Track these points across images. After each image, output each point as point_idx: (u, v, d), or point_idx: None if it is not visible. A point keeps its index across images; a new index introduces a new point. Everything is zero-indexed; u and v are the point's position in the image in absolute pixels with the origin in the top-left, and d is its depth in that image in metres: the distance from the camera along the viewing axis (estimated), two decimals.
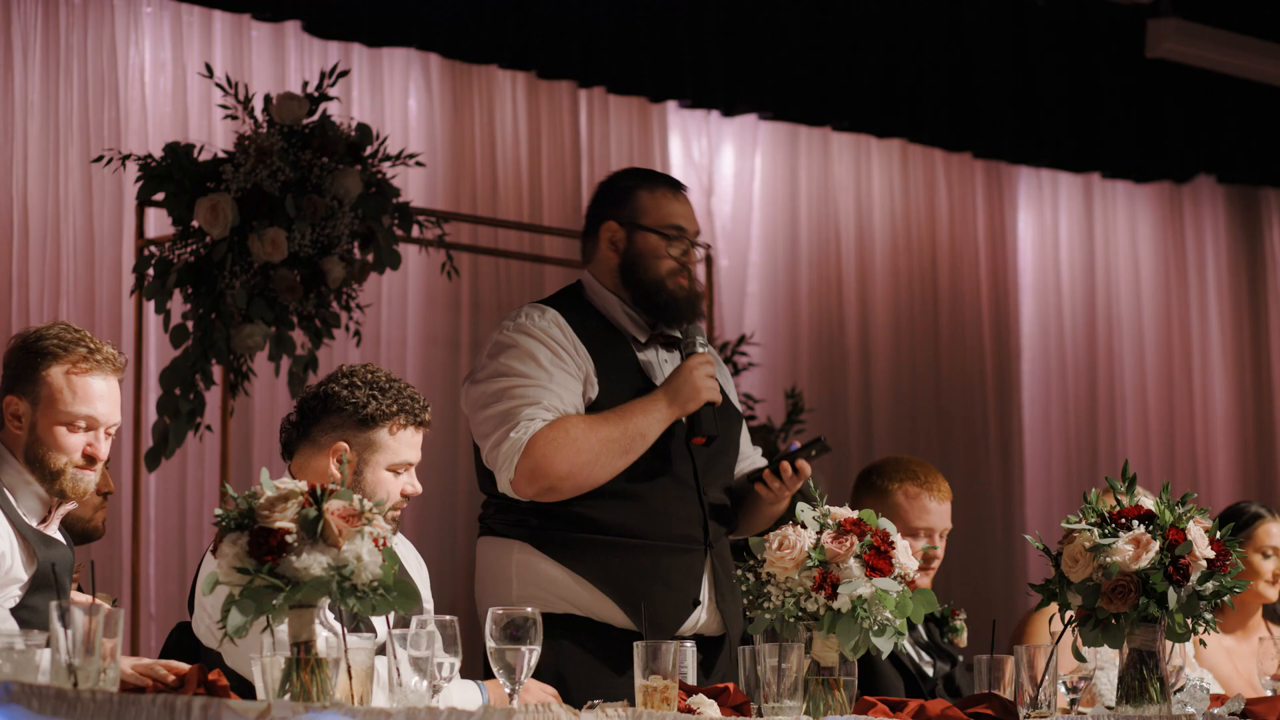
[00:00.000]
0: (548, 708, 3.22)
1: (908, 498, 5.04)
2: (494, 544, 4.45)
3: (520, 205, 7.56)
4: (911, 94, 8.32)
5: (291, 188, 5.90)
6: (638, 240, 4.53)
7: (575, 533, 4.37)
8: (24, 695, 2.72)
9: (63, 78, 6.55)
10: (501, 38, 7.27)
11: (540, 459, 4.30)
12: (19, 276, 6.40)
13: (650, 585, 4.35)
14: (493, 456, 4.35)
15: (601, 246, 4.56)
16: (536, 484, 4.31)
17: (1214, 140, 9.22)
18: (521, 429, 4.30)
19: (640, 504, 4.40)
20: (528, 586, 4.37)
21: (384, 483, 4.02)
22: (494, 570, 4.42)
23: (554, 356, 4.41)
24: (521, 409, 4.33)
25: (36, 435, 3.85)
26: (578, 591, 4.36)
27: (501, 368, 4.39)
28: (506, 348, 4.41)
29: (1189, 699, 4.13)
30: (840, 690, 3.67)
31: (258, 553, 3.07)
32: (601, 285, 4.56)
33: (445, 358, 7.38)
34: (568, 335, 4.44)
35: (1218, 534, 3.99)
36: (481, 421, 4.38)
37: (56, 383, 3.84)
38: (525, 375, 4.37)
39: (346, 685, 3.15)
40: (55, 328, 3.93)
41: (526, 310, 4.50)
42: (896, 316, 8.58)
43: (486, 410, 4.37)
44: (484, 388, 4.40)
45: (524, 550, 4.39)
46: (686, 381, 4.44)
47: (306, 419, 4.05)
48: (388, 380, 4.05)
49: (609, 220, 4.55)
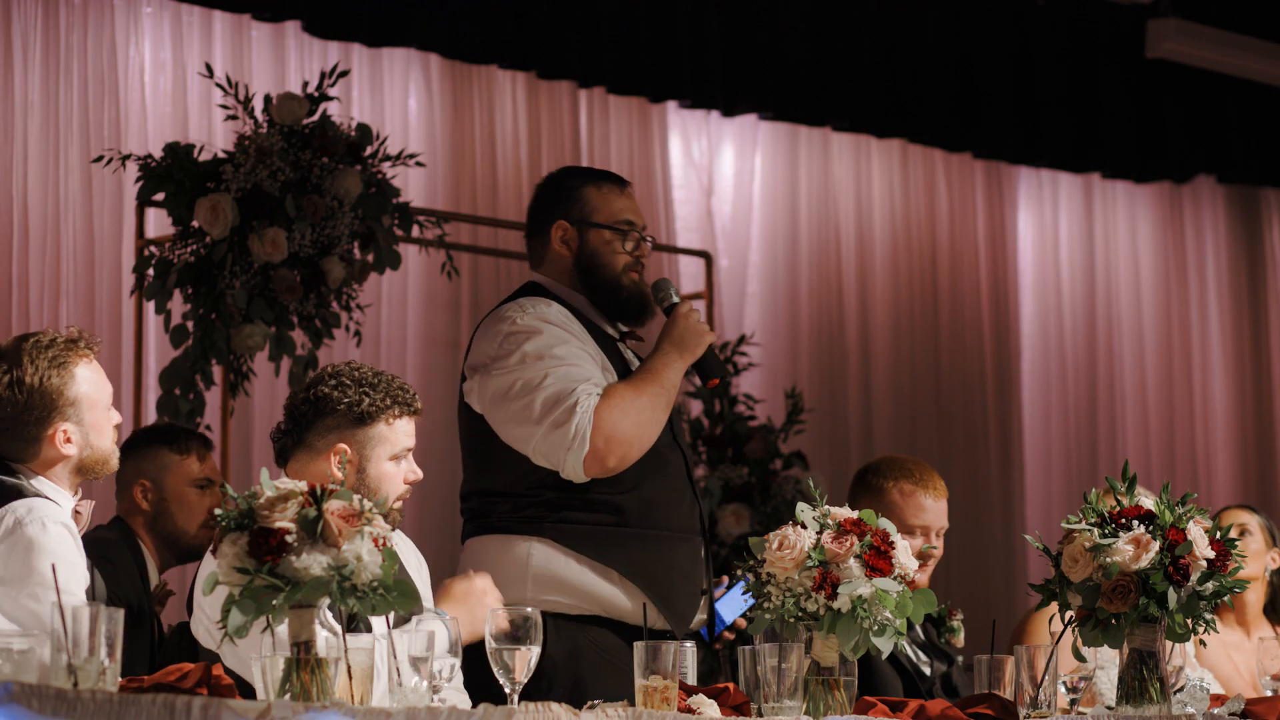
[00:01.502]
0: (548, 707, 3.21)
1: (903, 495, 5.04)
2: (502, 542, 4.37)
3: (520, 205, 7.55)
4: (911, 94, 8.32)
5: (291, 188, 5.90)
6: (591, 238, 4.51)
7: (599, 525, 4.33)
8: (24, 695, 2.72)
9: (63, 78, 6.55)
10: (501, 38, 7.27)
11: (612, 429, 4.25)
12: (19, 276, 6.40)
13: (670, 575, 4.35)
14: (551, 441, 4.26)
15: (553, 246, 4.52)
16: (613, 455, 4.26)
17: (1214, 140, 9.22)
18: (584, 405, 4.25)
19: (650, 494, 4.39)
20: (545, 586, 4.31)
21: (387, 474, 4.06)
22: (503, 569, 4.33)
23: (579, 340, 4.39)
24: (573, 389, 4.26)
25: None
26: (601, 585, 4.32)
27: (530, 353, 4.32)
28: (529, 334, 4.34)
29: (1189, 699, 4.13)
30: (840, 690, 3.67)
31: (258, 553, 3.07)
32: (561, 284, 4.52)
33: (445, 358, 7.37)
34: (576, 325, 4.43)
35: (1217, 534, 3.99)
36: (520, 410, 4.30)
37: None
38: (559, 357, 4.31)
39: (346, 685, 3.15)
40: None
41: (526, 302, 4.43)
42: (896, 316, 8.58)
43: (525, 398, 4.29)
44: (514, 376, 4.32)
45: (543, 546, 4.33)
46: (687, 329, 4.44)
47: (299, 425, 4.05)
48: (374, 375, 4.07)
49: (559, 220, 4.51)
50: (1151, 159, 9.08)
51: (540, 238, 4.55)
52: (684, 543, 4.42)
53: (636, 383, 4.34)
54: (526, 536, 4.35)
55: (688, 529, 4.45)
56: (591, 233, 4.51)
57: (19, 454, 3.92)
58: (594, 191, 4.54)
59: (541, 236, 4.55)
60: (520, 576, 4.33)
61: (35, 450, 3.92)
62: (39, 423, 3.90)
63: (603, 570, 4.33)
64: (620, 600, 4.33)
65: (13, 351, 3.94)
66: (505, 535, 4.38)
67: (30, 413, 3.90)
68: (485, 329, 4.45)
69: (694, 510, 4.49)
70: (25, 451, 3.92)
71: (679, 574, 4.37)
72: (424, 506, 7.03)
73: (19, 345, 3.95)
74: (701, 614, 4.46)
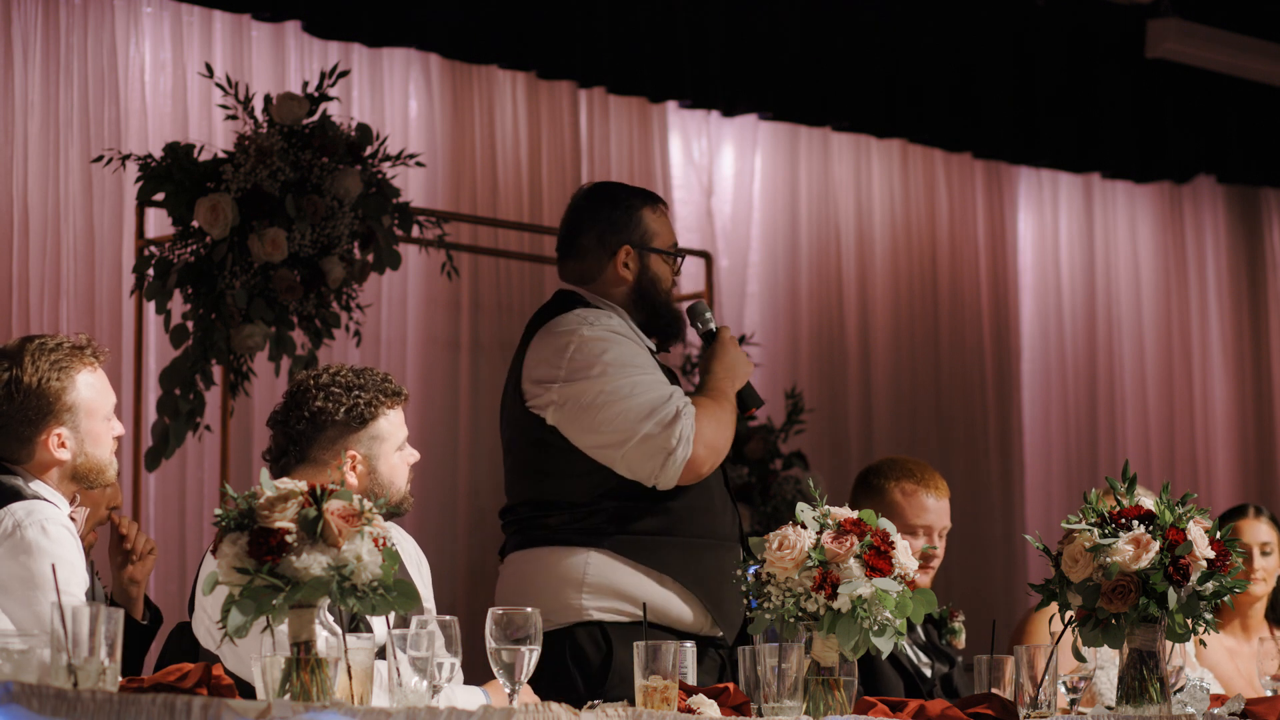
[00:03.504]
0: (548, 707, 3.22)
1: (905, 495, 5.04)
2: (556, 554, 4.37)
3: (520, 205, 7.55)
4: (911, 94, 8.32)
5: (291, 188, 5.90)
6: (651, 263, 4.56)
7: (654, 535, 4.37)
8: (24, 695, 2.72)
9: (63, 78, 6.55)
10: (501, 38, 7.27)
11: (712, 438, 4.35)
12: (19, 276, 6.40)
13: (722, 582, 4.38)
14: (647, 449, 4.30)
15: (616, 269, 4.54)
16: (707, 464, 4.36)
17: (1214, 140, 9.22)
18: (687, 414, 4.32)
19: (697, 504, 4.43)
20: (601, 595, 4.33)
21: (396, 467, 4.12)
22: (555, 581, 4.34)
23: (648, 353, 4.45)
24: (669, 396, 4.33)
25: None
26: (658, 592, 4.34)
27: (612, 364, 4.35)
28: (608, 344, 4.37)
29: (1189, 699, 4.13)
30: (840, 690, 3.67)
31: (258, 553, 3.07)
32: (604, 299, 4.54)
33: (445, 358, 7.37)
34: (641, 340, 4.48)
35: (1217, 534, 3.99)
36: (609, 418, 4.31)
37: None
38: (640, 367, 4.37)
39: (346, 685, 3.15)
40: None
41: (587, 314, 4.44)
42: (896, 316, 8.58)
43: (614, 406, 4.32)
44: (596, 386, 4.33)
45: (600, 556, 4.35)
46: (738, 358, 4.55)
47: (299, 443, 4.07)
48: (354, 375, 4.10)
49: (624, 244, 4.53)
50: (1151, 159, 9.07)
51: (599, 257, 4.55)
52: (730, 550, 4.47)
53: (715, 396, 4.45)
54: (584, 548, 4.37)
55: (731, 537, 4.50)
56: (652, 258, 4.55)
57: (14, 454, 3.92)
58: (650, 214, 4.59)
59: (600, 255, 4.55)
60: (575, 587, 4.34)
61: (29, 452, 3.92)
62: (33, 424, 3.90)
63: (658, 578, 4.36)
64: (676, 606, 4.36)
65: (16, 351, 3.94)
66: (559, 547, 4.39)
67: (25, 413, 3.90)
68: (545, 341, 4.44)
69: (734, 519, 4.55)
70: (19, 452, 3.92)
71: (728, 581, 4.40)
72: (424, 506, 7.03)
73: (23, 345, 3.95)
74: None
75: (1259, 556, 5.78)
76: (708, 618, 4.38)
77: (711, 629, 4.39)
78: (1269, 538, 5.81)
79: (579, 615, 4.32)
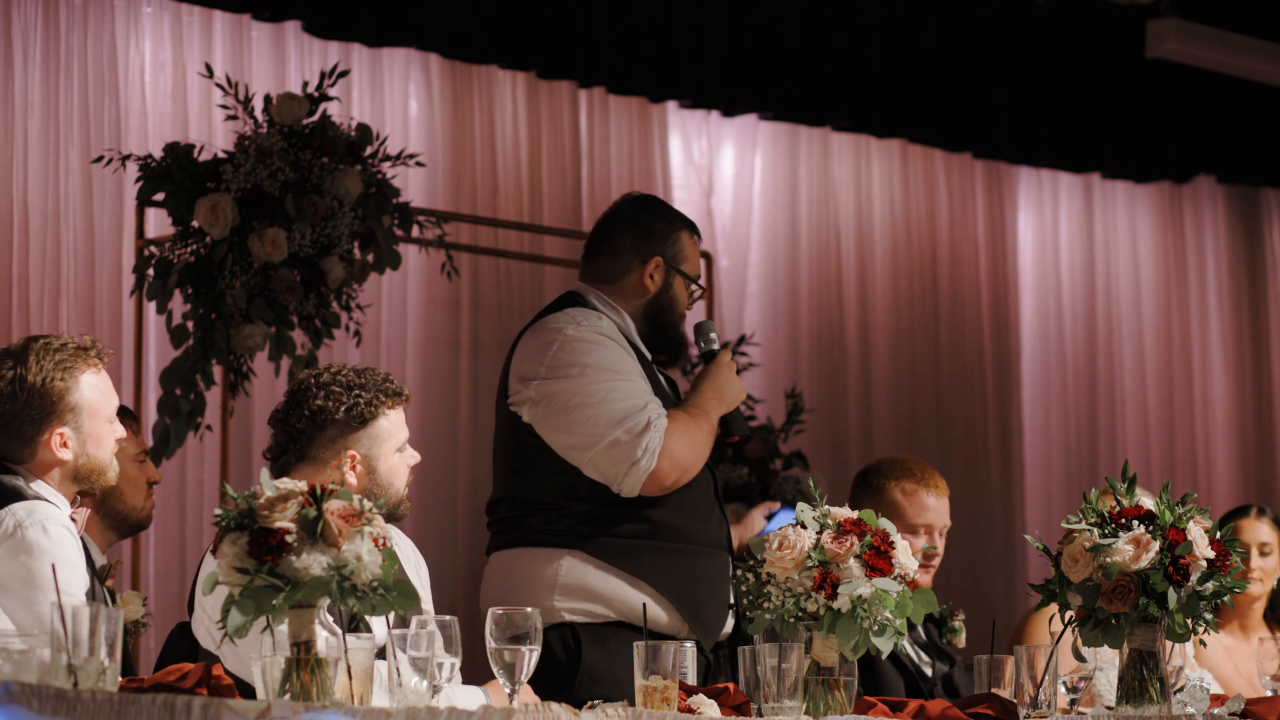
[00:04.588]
0: (548, 707, 3.22)
1: (905, 495, 5.05)
2: (533, 556, 4.39)
3: (520, 205, 7.55)
4: (911, 94, 8.32)
5: (291, 188, 5.90)
6: (675, 284, 4.58)
7: (631, 539, 4.37)
8: (24, 695, 2.72)
9: (63, 78, 6.55)
10: (501, 38, 7.26)
11: (678, 454, 4.33)
12: (19, 276, 6.40)
13: (699, 589, 4.39)
14: (613, 455, 4.31)
15: (640, 277, 4.55)
16: (671, 478, 4.34)
17: (1214, 140, 9.22)
18: (657, 426, 4.31)
19: (682, 510, 4.43)
20: (572, 596, 4.35)
21: (395, 468, 4.11)
22: (532, 583, 4.36)
23: (633, 358, 4.44)
24: (642, 406, 4.33)
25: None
26: (631, 595, 4.35)
27: (591, 366, 4.35)
28: (590, 346, 4.38)
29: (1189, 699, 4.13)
30: (840, 690, 3.67)
31: (258, 553, 3.07)
32: (614, 305, 4.55)
33: (445, 358, 7.37)
34: (624, 342, 4.46)
35: (1217, 534, 3.99)
36: (580, 420, 4.32)
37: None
38: (620, 373, 4.36)
39: (346, 685, 3.15)
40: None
41: (577, 314, 4.45)
42: (896, 316, 8.58)
43: (588, 410, 4.32)
44: (573, 386, 4.34)
45: (573, 559, 4.36)
46: (730, 381, 4.54)
47: (299, 442, 4.07)
48: (356, 374, 4.10)
49: (657, 255, 4.56)
50: (1151, 159, 9.07)
51: (629, 259, 4.56)
52: (712, 558, 4.47)
53: (693, 413, 4.43)
54: (559, 549, 4.38)
55: (716, 544, 4.50)
56: (677, 279, 4.58)
57: (16, 454, 3.93)
58: (687, 238, 4.63)
59: (631, 258, 4.56)
60: (548, 589, 4.35)
61: (31, 451, 3.92)
62: (35, 423, 3.90)
63: (633, 582, 4.37)
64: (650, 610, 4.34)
65: (20, 350, 3.95)
66: (536, 548, 4.40)
67: (28, 412, 3.90)
68: (533, 338, 4.45)
69: (721, 527, 4.54)
70: (21, 452, 3.93)
71: (707, 588, 4.41)
72: (424, 507, 7.03)
73: (27, 345, 3.95)
74: (729, 626, 4.48)
75: (1257, 556, 5.79)
76: (683, 625, 4.38)
77: (687, 635, 4.37)
78: (1269, 538, 5.82)
79: (551, 617, 4.32)
